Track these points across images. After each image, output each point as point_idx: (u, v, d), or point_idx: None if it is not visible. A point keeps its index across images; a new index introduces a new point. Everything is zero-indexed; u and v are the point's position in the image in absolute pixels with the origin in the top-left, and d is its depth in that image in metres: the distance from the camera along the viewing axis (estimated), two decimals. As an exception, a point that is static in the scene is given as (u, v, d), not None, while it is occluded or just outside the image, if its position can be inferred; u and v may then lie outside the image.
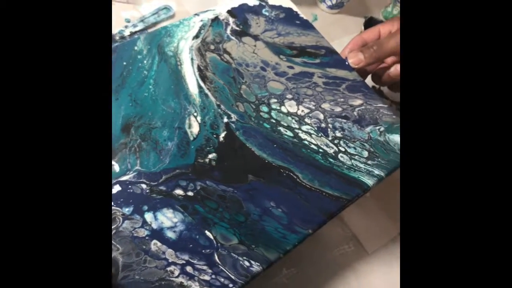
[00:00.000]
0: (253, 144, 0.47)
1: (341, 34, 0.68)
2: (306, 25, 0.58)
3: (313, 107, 0.51)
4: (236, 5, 0.58)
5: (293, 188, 0.44)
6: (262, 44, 0.55)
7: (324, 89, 0.52)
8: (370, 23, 0.67)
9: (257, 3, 0.59)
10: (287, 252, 0.40)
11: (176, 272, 0.37)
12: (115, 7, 0.58)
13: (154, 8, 0.59)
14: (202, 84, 0.51)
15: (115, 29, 0.57)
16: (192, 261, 0.38)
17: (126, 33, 0.57)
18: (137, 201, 0.41)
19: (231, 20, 0.56)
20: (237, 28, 0.56)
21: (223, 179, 0.44)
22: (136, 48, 0.51)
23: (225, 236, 0.40)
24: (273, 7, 0.59)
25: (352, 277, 0.51)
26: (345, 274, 0.51)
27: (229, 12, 0.57)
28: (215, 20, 0.56)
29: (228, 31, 0.55)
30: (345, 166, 0.47)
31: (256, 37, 0.56)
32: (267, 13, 0.58)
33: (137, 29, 0.57)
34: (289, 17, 0.58)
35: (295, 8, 0.59)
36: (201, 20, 0.55)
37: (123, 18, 0.57)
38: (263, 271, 0.39)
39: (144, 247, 0.38)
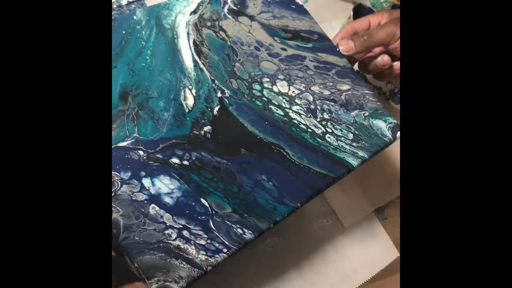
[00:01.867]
0: (246, 120, 0.49)
1: (331, 17, 0.70)
2: (301, 10, 0.60)
3: (303, 89, 0.53)
4: None
5: (283, 164, 0.47)
6: (257, 25, 0.57)
7: (315, 73, 0.55)
8: (359, 9, 0.70)
9: (255, -16, 0.60)
10: (277, 223, 0.43)
11: (174, 235, 0.39)
12: (113, -25, 0.58)
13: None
14: (197, 58, 0.52)
15: (111, -4, 0.57)
16: (188, 226, 0.40)
17: (123, 1, 0.57)
18: (134, 167, 0.43)
19: (229, -1, 0.57)
20: (234, 8, 0.57)
21: (217, 151, 0.46)
22: (135, 18, 0.52)
23: (220, 205, 0.42)
24: (269, -11, 0.60)
25: (330, 250, 0.54)
26: (324, 246, 0.54)
27: (227, -10, 0.58)
28: (214, -2, 0.57)
29: (226, 10, 0.57)
30: (332, 147, 0.49)
31: (252, 18, 0.57)
32: (263, -5, 0.59)
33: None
34: (285, 0, 0.60)
35: None
36: (199, -4, 0.56)
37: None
38: (255, 238, 0.41)
39: (143, 210, 0.40)
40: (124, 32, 0.51)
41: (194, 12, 0.55)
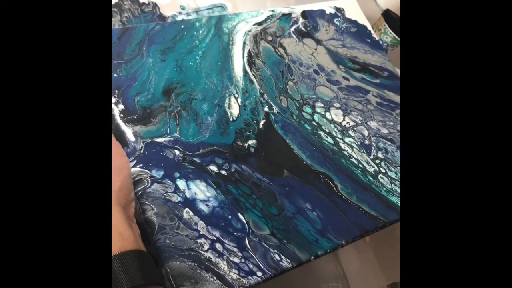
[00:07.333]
0: (293, 142, 0.49)
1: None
2: (376, 46, 0.63)
3: (360, 122, 0.54)
4: (315, 9, 0.62)
5: (329, 196, 0.47)
6: (323, 50, 0.59)
7: (376, 109, 0.56)
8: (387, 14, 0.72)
9: (333, 11, 0.63)
10: (317, 257, 0.42)
11: (206, 246, 0.39)
12: (173, -7, 0.61)
13: (210, 3, 0.63)
14: (248, 69, 0.53)
15: (168, 12, 0.60)
16: (222, 239, 0.40)
17: (178, 19, 0.60)
18: (168, 166, 0.43)
19: (300, 20, 0.60)
20: (303, 29, 0.60)
21: (259, 168, 0.46)
22: (198, 15, 0.54)
23: (257, 224, 0.42)
24: (346, 19, 0.63)
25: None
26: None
27: (302, 12, 0.61)
28: (286, 15, 0.60)
29: (292, 29, 0.59)
30: (384, 188, 0.50)
31: (319, 42, 0.59)
32: (338, 23, 0.62)
33: (189, 17, 0.60)
34: (360, 33, 0.63)
35: (369, 27, 0.64)
36: (273, 11, 0.59)
37: (179, 4, 0.60)
38: (293, 268, 0.41)
39: (177, 212, 0.40)
40: (182, 27, 0.53)
41: (259, 24, 0.58)
